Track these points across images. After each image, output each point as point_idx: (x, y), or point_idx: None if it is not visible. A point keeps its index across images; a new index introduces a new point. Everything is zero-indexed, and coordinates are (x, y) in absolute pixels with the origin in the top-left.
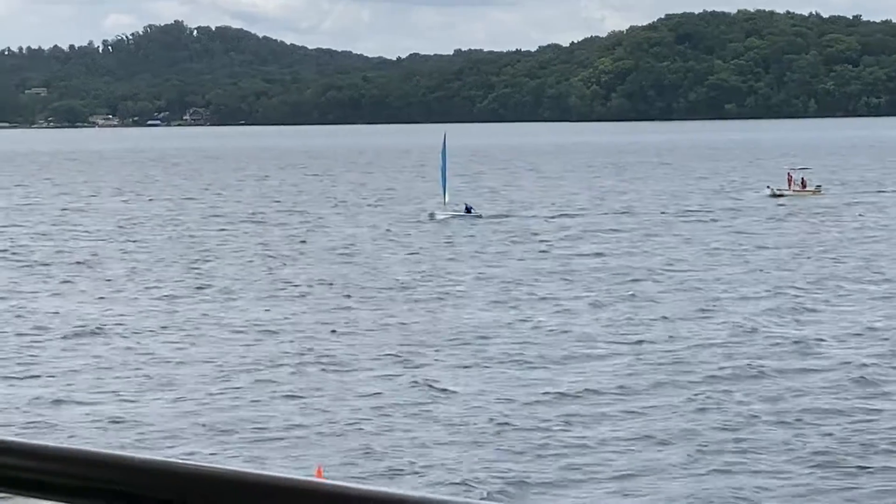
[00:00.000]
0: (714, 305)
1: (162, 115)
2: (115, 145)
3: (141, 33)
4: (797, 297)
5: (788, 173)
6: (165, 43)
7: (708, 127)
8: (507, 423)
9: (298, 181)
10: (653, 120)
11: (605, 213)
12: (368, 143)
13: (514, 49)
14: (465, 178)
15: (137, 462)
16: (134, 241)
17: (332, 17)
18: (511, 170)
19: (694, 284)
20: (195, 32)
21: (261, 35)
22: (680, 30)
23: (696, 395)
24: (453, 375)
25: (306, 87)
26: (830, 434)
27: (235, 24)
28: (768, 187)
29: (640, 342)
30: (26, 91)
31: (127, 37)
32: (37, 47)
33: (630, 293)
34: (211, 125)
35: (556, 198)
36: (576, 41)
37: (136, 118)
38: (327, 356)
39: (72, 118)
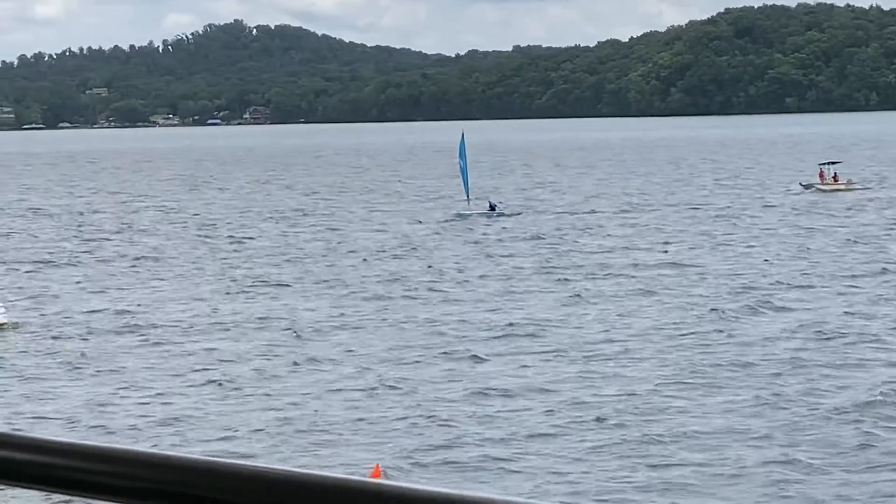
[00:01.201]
0: (718, 301)
1: (222, 114)
2: (172, 144)
3: (200, 32)
4: (788, 290)
5: (820, 168)
6: (225, 42)
7: (767, 121)
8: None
9: (343, 180)
10: (712, 115)
11: (624, 210)
12: (424, 140)
13: (572, 44)
14: (508, 176)
15: (191, 462)
16: (181, 239)
17: (390, 14)
18: (552, 166)
19: (696, 281)
20: (254, 31)
21: (319, 33)
22: (739, 24)
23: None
24: (473, 371)
25: (365, 84)
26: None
27: (294, 23)
28: (800, 183)
29: (647, 338)
30: (87, 91)
31: (187, 36)
32: (97, 48)
33: (633, 288)
34: (271, 123)
35: (586, 195)
36: (634, 36)
37: (196, 117)
38: (338, 354)
39: (133, 118)
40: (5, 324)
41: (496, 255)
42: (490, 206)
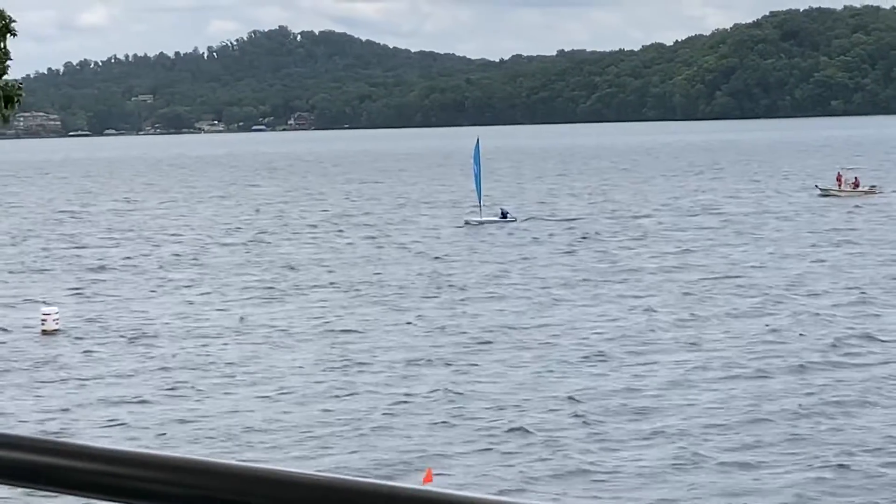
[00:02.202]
0: (718, 303)
1: (267, 120)
2: (214, 150)
3: (245, 39)
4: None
5: (838, 172)
6: (269, 48)
7: (813, 124)
8: (527, 424)
9: (372, 186)
10: (758, 118)
11: (639, 215)
12: (466, 145)
13: (616, 49)
14: (536, 182)
15: (223, 467)
16: (217, 244)
17: (433, 19)
18: (581, 171)
19: (694, 283)
20: (298, 37)
21: (363, 39)
22: (785, 27)
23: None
24: (479, 377)
25: (409, 89)
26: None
27: (338, 29)
28: (816, 186)
29: (642, 343)
30: (133, 98)
31: (231, 43)
32: (142, 55)
33: (637, 292)
34: (316, 129)
35: (605, 200)
36: (679, 40)
37: (241, 123)
38: (350, 357)
39: (178, 124)
40: (58, 330)
41: (502, 262)
42: (502, 213)
